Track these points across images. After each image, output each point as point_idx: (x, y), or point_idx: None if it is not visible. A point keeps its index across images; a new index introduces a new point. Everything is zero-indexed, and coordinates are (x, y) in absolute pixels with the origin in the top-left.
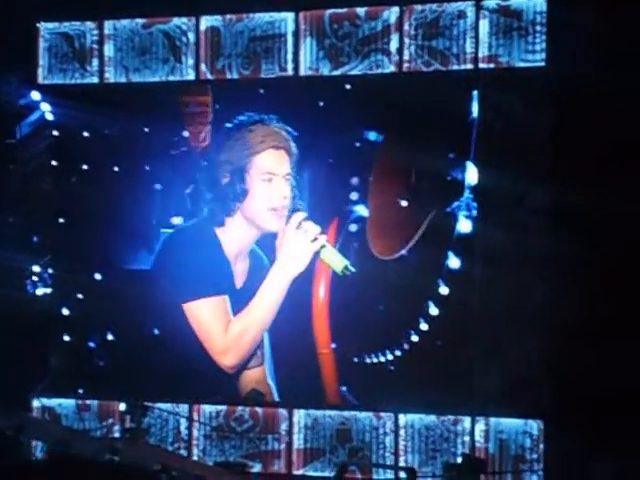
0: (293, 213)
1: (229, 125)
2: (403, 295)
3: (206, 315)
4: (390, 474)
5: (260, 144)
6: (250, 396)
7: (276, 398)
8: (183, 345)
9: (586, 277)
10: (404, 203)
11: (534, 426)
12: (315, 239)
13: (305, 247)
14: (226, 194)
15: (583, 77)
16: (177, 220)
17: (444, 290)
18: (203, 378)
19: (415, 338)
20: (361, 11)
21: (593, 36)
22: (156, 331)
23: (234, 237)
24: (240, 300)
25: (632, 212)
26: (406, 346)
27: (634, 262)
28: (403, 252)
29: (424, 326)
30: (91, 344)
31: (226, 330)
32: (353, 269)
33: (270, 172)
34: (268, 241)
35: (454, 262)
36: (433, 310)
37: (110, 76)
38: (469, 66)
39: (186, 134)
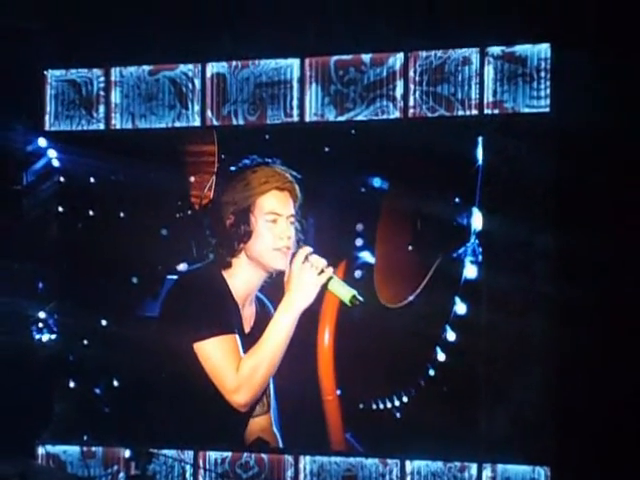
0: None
1: (233, 168)
2: (410, 341)
3: (218, 354)
4: None
5: (264, 185)
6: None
7: (281, 446)
8: (189, 392)
9: (593, 322)
10: (410, 250)
11: (541, 473)
12: (322, 271)
13: (312, 280)
14: (230, 235)
15: (587, 123)
16: (182, 266)
17: (451, 336)
18: (209, 425)
19: (422, 384)
20: (366, 57)
21: (597, 83)
22: (162, 375)
23: (241, 280)
24: (249, 345)
25: (637, 257)
26: (413, 392)
27: None
28: (409, 300)
29: (431, 372)
30: (97, 390)
31: (237, 368)
32: (361, 299)
33: (274, 212)
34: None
35: (461, 308)
36: (440, 356)
37: (116, 122)
38: (474, 112)
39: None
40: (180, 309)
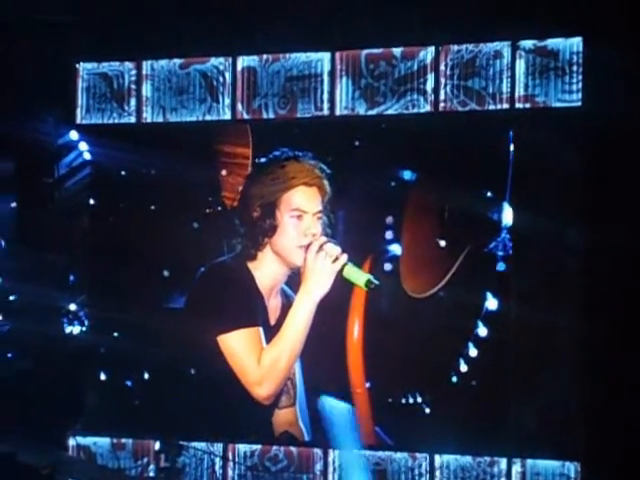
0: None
1: (263, 160)
2: (441, 335)
3: (240, 346)
4: None
5: (291, 180)
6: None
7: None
8: (218, 384)
9: (625, 317)
10: (439, 242)
11: (571, 468)
12: (336, 259)
13: (327, 268)
14: (256, 228)
15: (619, 117)
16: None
17: (482, 331)
18: (238, 417)
19: (454, 378)
20: (397, 51)
21: (630, 76)
22: (192, 370)
23: (266, 272)
24: (274, 337)
25: None
26: (444, 386)
27: None
28: (435, 290)
29: (463, 367)
30: (127, 383)
31: (259, 361)
32: (377, 282)
33: (300, 209)
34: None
35: (492, 303)
36: (472, 351)
37: (147, 116)
38: (505, 106)
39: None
40: (204, 301)
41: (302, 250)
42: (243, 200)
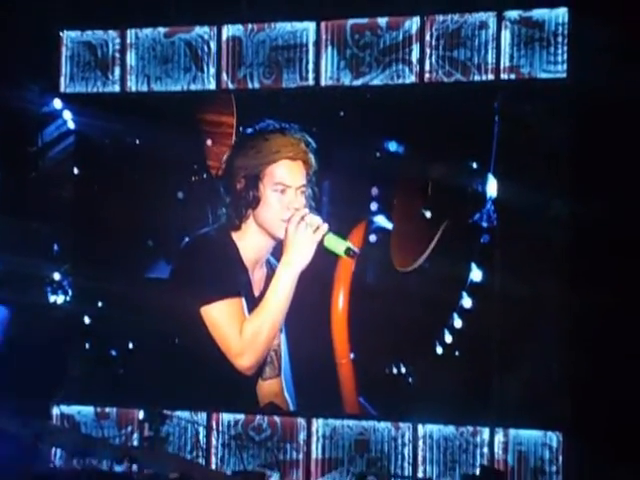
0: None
1: (249, 130)
2: (425, 306)
3: (222, 317)
4: None
5: (275, 154)
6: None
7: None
8: (202, 353)
9: (608, 288)
10: (426, 214)
11: (554, 438)
12: (317, 229)
13: (308, 238)
14: (239, 199)
15: (604, 88)
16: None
17: (467, 302)
18: (222, 386)
19: (439, 350)
20: (382, 21)
21: (615, 47)
22: (176, 339)
23: (250, 244)
24: None
25: None
26: (428, 357)
27: None
28: (418, 264)
29: (448, 338)
30: (112, 352)
31: (240, 332)
32: (356, 250)
33: (282, 183)
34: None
35: (476, 274)
36: (457, 322)
37: (132, 85)
38: (490, 77)
39: (208, 152)
40: (187, 272)
41: (285, 223)
42: (227, 170)
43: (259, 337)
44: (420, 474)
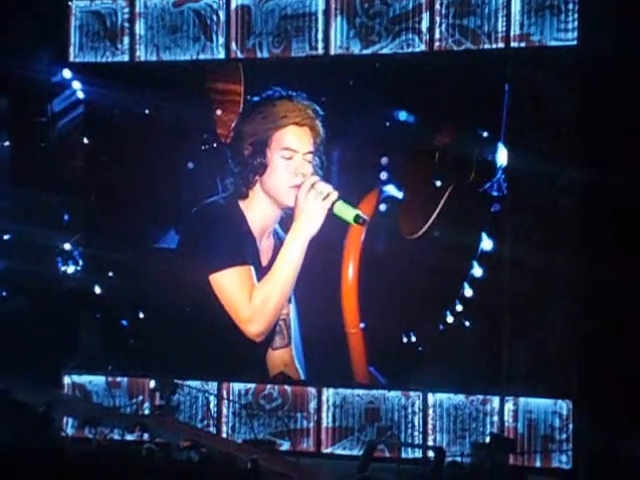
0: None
1: (256, 98)
2: (436, 276)
3: (231, 285)
4: (418, 453)
5: (282, 119)
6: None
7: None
8: (212, 322)
9: (618, 258)
10: (436, 183)
11: (563, 406)
12: (327, 196)
13: (318, 206)
14: (247, 166)
15: (615, 56)
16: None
17: (478, 271)
18: (233, 356)
19: (450, 319)
20: None
21: (625, 15)
22: (187, 309)
23: (257, 213)
24: None
25: None
26: (439, 327)
27: None
28: (424, 229)
29: (459, 307)
30: (123, 322)
31: (250, 299)
32: (365, 217)
33: (289, 148)
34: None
35: (487, 243)
36: (467, 292)
37: (141, 54)
38: (500, 45)
39: (217, 121)
40: (195, 241)
41: (293, 190)
42: (235, 137)
43: (268, 304)
44: (430, 442)
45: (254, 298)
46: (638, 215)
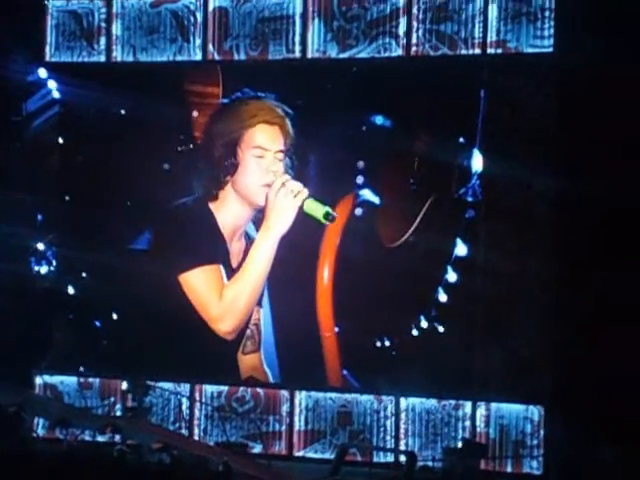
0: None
1: (225, 100)
2: (410, 281)
3: (200, 284)
4: (390, 457)
5: (252, 118)
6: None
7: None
8: (185, 324)
9: (591, 264)
10: (412, 189)
11: (535, 412)
12: (297, 194)
13: (288, 204)
14: (218, 167)
15: (591, 63)
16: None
17: (452, 277)
18: (205, 358)
19: (425, 324)
20: None
21: (601, 22)
22: (159, 310)
23: (228, 214)
24: None
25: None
26: (415, 332)
27: None
28: (405, 238)
29: (433, 312)
30: (96, 323)
31: (220, 297)
32: (335, 214)
33: (261, 147)
34: None
35: (461, 248)
36: (442, 297)
37: (117, 55)
38: (477, 51)
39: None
40: (165, 241)
41: (264, 188)
42: (206, 139)
43: (239, 301)
44: (402, 447)
45: (224, 296)
46: (611, 221)
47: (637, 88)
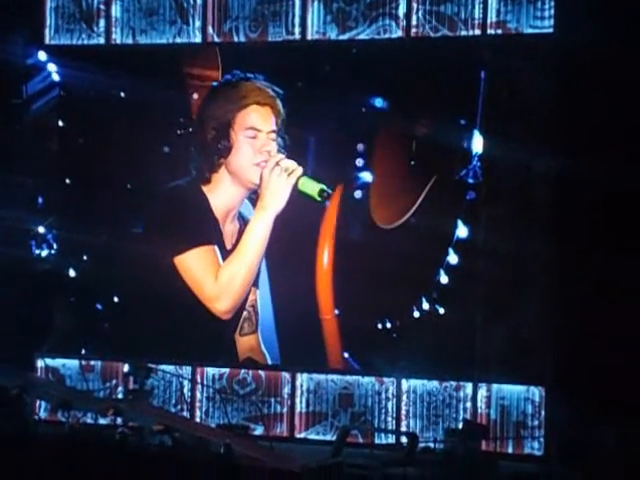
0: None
1: (215, 83)
2: (412, 263)
3: (195, 265)
4: (392, 439)
5: (244, 99)
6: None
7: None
8: (183, 305)
9: (591, 245)
10: (411, 171)
11: (536, 393)
12: (292, 172)
13: (282, 182)
14: (211, 150)
15: (591, 44)
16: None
17: (453, 259)
18: (206, 339)
19: (426, 306)
20: None
21: (601, 3)
22: (159, 293)
23: (221, 195)
24: None
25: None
26: (416, 314)
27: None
28: (402, 221)
29: (434, 294)
30: (97, 305)
31: (216, 277)
32: (330, 192)
33: (253, 128)
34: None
35: (462, 230)
36: (443, 278)
37: (117, 37)
38: (477, 32)
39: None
40: (159, 224)
41: (258, 167)
42: (198, 123)
43: (235, 281)
44: (404, 428)
45: (220, 276)
46: (611, 204)
47: (636, 69)
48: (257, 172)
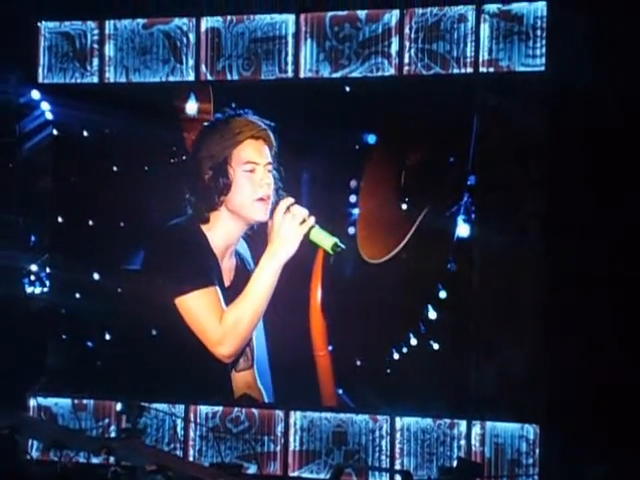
0: (280, 201)
1: (206, 123)
2: (402, 298)
3: (199, 307)
4: (386, 477)
5: (238, 135)
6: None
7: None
8: (179, 345)
9: (582, 281)
10: (401, 206)
11: (530, 430)
12: (303, 221)
13: (294, 230)
14: (209, 190)
15: (583, 82)
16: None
17: (443, 294)
18: (198, 378)
19: (414, 341)
20: (362, 14)
21: (593, 42)
22: (153, 331)
23: (220, 232)
24: (229, 298)
25: (628, 217)
26: (404, 349)
27: (630, 266)
28: (390, 255)
29: (422, 329)
30: (89, 343)
31: (220, 320)
32: (343, 246)
33: (251, 161)
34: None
35: (453, 266)
36: (432, 314)
37: (110, 76)
38: (469, 70)
39: (186, 141)
40: (159, 263)
41: (258, 202)
42: (193, 164)
43: (240, 325)
44: (398, 466)
45: (225, 319)
46: (603, 240)
47: (628, 108)
48: (257, 208)
